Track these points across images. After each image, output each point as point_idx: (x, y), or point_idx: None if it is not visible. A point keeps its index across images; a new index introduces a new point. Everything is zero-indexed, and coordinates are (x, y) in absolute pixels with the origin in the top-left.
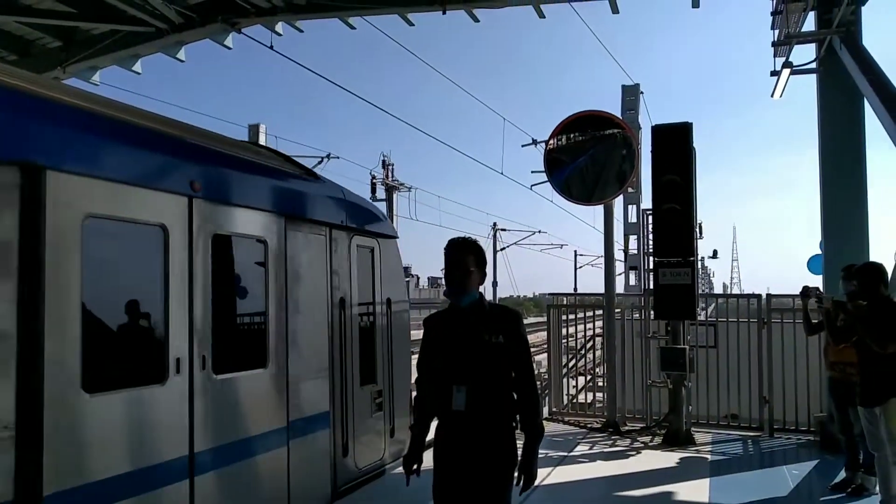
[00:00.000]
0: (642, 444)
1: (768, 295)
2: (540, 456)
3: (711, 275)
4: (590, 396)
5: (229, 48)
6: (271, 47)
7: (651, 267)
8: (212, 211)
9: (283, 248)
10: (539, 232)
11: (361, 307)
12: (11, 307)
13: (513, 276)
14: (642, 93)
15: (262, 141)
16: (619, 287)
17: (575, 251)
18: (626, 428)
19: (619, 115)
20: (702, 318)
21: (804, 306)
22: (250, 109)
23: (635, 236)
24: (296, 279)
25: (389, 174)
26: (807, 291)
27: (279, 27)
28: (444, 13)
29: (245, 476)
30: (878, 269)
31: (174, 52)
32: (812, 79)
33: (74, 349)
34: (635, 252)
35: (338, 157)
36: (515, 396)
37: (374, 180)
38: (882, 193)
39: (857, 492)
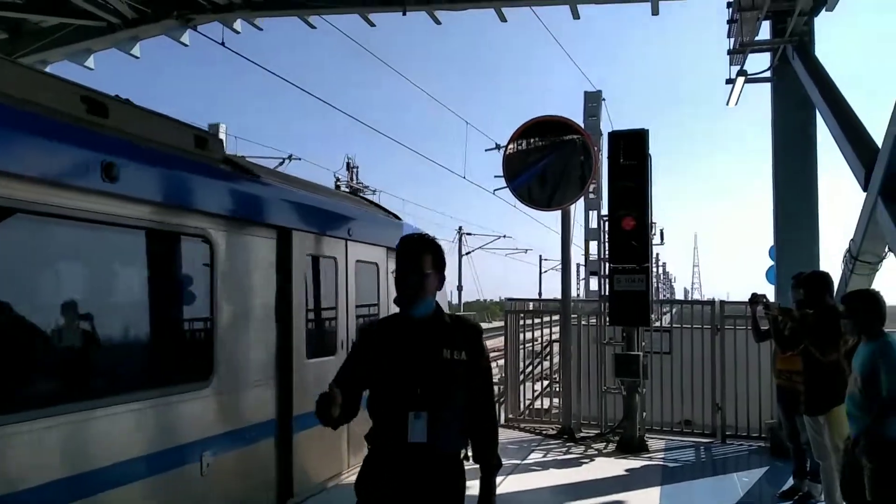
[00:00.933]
0: (596, 452)
1: (721, 302)
2: None
3: (673, 280)
4: (547, 402)
5: (186, 45)
6: (223, 43)
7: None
8: (355, 247)
9: (386, 269)
10: (504, 237)
11: None
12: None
13: (478, 281)
14: (604, 99)
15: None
16: (582, 293)
17: (540, 256)
18: (581, 435)
19: (580, 121)
20: (663, 323)
21: (752, 313)
22: (213, 108)
23: (596, 242)
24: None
25: (354, 177)
26: (755, 298)
27: (238, 25)
28: (404, 14)
29: None
30: (824, 277)
31: (129, 48)
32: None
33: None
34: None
35: (300, 159)
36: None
37: (339, 183)
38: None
39: (804, 499)
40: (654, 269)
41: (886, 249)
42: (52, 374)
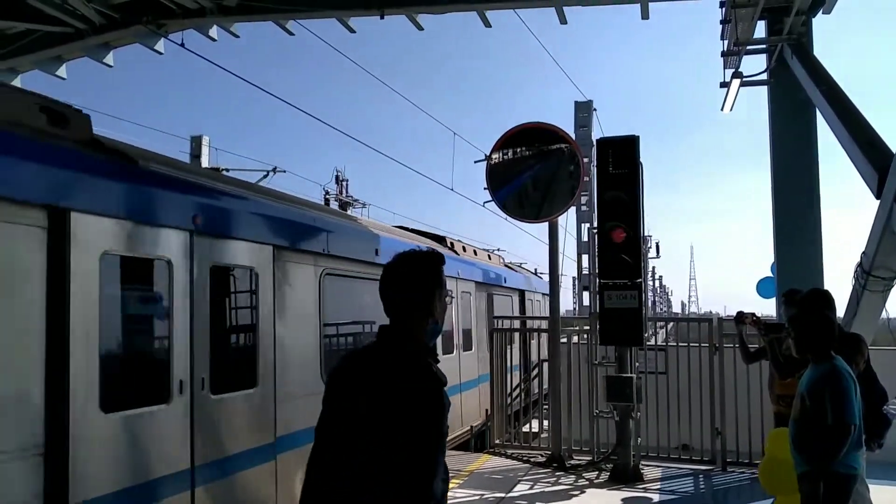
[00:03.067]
0: (587, 482)
1: (720, 318)
2: (474, 498)
3: (670, 294)
4: (536, 425)
5: (160, 53)
6: (182, 44)
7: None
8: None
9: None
10: (498, 250)
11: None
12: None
13: None
14: (595, 109)
15: (203, 153)
16: (576, 308)
17: (535, 269)
18: (572, 462)
19: (571, 131)
20: (658, 339)
21: (739, 332)
22: (194, 119)
23: (587, 255)
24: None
25: (343, 190)
26: (741, 317)
27: (214, 32)
28: (381, 17)
29: None
30: (824, 296)
31: (101, 57)
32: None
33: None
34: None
35: (284, 171)
36: None
37: (328, 196)
38: (834, 212)
39: None
40: (651, 283)
41: None
42: None
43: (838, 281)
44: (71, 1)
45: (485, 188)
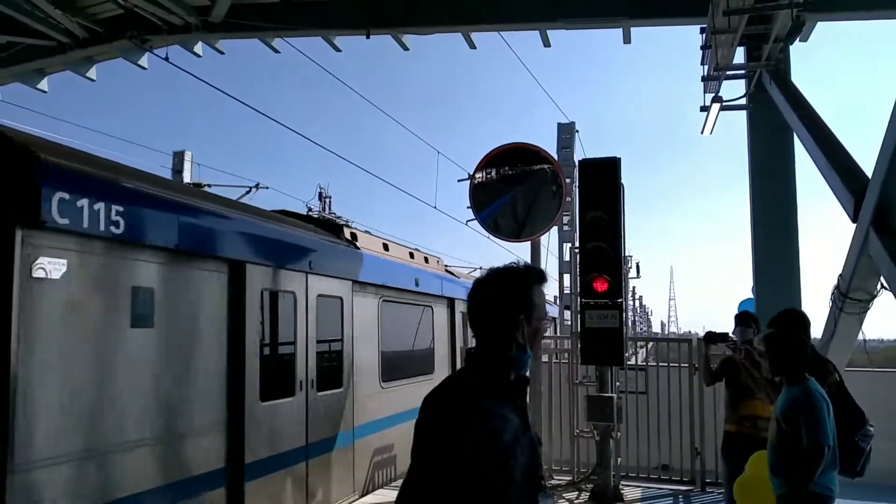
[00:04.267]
0: (567, 503)
1: (699, 339)
2: None
3: (650, 313)
4: None
5: (144, 68)
6: (166, 58)
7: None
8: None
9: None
10: (481, 269)
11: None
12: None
13: None
14: (577, 131)
15: (185, 168)
16: (558, 328)
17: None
18: (552, 482)
19: (553, 153)
20: (641, 355)
21: (705, 352)
22: (177, 134)
23: (569, 275)
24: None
25: (326, 207)
26: (711, 337)
27: (199, 48)
28: (367, 37)
29: None
30: (798, 315)
31: (84, 71)
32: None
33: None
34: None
35: (267, 188)
36: None
37: (311, 213)
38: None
39: None
40: (631, 303)
41: (879, 286)
42: None
43: (815, 302)
44: (55, 15)
45: (468, 207)
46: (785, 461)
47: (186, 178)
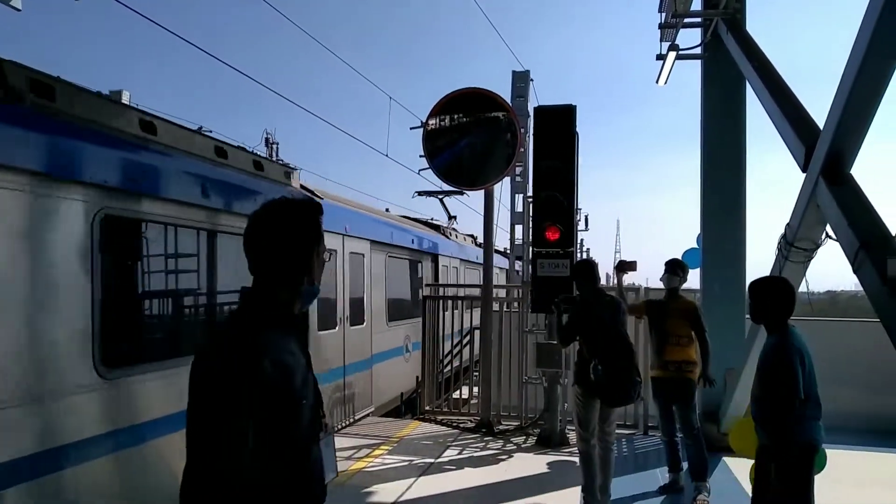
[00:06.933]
0: (515, 447)
1: (646, 288)
2: (403, 464)
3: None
4: (466, 391)
5: (18, 10)
6: None
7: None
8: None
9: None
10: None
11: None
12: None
13: None
14: (532, 80)
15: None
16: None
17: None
18: (501, 428)
19: (508, 100)
20: None
21: (618, 282)
22: (110, 70)
23: (521, 226)
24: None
25: (274, 154)
26: (622, 266)
27: None
28: None
29: None
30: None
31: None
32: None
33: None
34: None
35: (210, 132)
36: None
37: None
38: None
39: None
40: (579, 255)
41: (824, 236)
42: None
43: (758, 259)
44: None
45: (421, 155)
46: (764, 412)
47: None
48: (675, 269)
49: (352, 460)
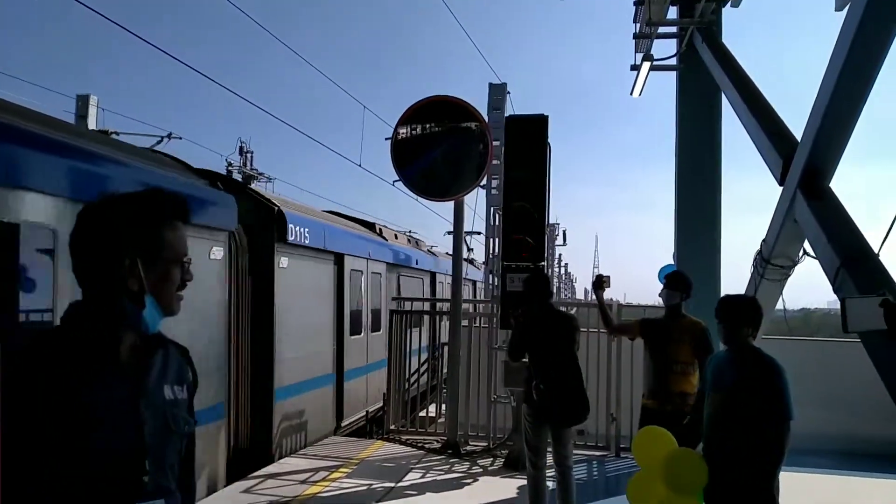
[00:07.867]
0: (481, 469)
1: (619, 305)
2: (362, 488)
3: (574, 281)
4: (434, 410)
5: None
6: None
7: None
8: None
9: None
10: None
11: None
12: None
13: None
14: (509, 93)
15: (90, 113)
16: (484, 292)
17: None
18: (467, 449)
19: (484, 113)
20: None
21: (598, 299)
22: (81, 77)
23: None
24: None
25: (248, 163)
26: (600, 281)
27: None
28: None
29: None
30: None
31: None
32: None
33: None
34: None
35: (180, 138)
36: None
37: (231, 167)
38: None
39: None
40: (557, 270)
41: (801, 253)
42: None
43: (732, 275)
44: None
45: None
46: (747, 442)
47: (91, 123)
48: (675, 283)
49: (307, 484)
